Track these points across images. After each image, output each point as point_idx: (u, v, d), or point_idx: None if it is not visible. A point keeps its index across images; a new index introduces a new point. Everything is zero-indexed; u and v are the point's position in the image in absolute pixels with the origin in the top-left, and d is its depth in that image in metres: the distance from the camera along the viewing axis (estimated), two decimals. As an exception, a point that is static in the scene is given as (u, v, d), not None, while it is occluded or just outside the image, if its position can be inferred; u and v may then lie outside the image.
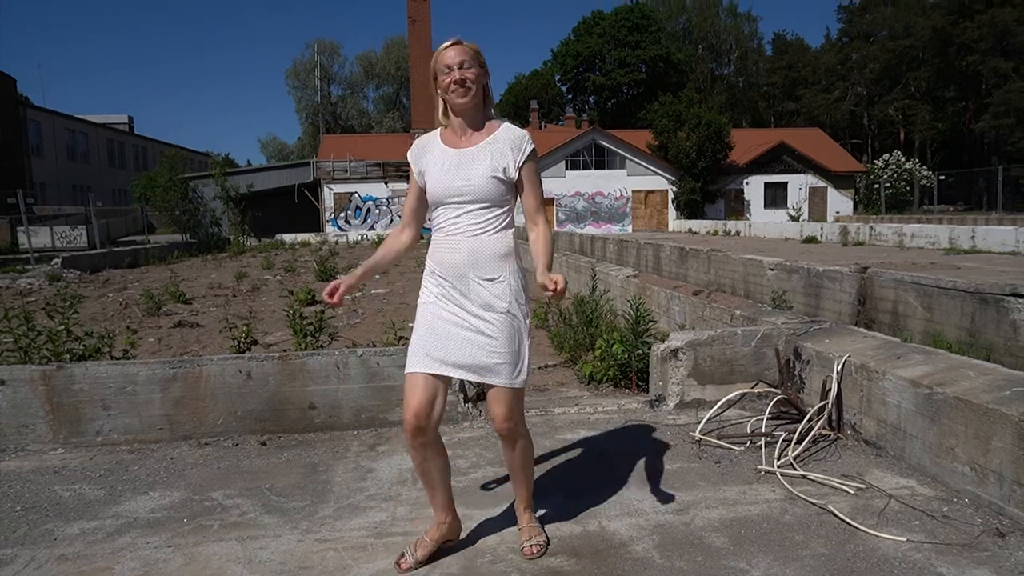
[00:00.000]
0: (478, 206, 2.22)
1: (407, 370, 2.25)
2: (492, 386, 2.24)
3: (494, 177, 2.20)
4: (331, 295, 2.27)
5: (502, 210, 2.26)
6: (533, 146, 2.26)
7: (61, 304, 4.55)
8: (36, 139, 39.49)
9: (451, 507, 2.36)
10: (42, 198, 36.22)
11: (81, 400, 3.52)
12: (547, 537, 2.41)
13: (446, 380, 2.25)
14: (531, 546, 2.33)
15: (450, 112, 2.28)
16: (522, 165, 2.24)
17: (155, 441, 3.56)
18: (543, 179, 2.41)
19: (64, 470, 3.23)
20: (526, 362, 2.26)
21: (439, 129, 2.35)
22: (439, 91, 2.25)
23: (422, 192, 2.34)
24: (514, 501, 2.51)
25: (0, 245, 25.57)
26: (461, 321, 2.22)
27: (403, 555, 2.29)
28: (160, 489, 2.99)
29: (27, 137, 38.01)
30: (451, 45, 2.21)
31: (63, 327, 4.23)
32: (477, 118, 2.27)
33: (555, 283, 2.08)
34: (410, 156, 2.36)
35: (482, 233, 2.22)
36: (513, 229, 2.32)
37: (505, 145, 2.24)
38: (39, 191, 37.13)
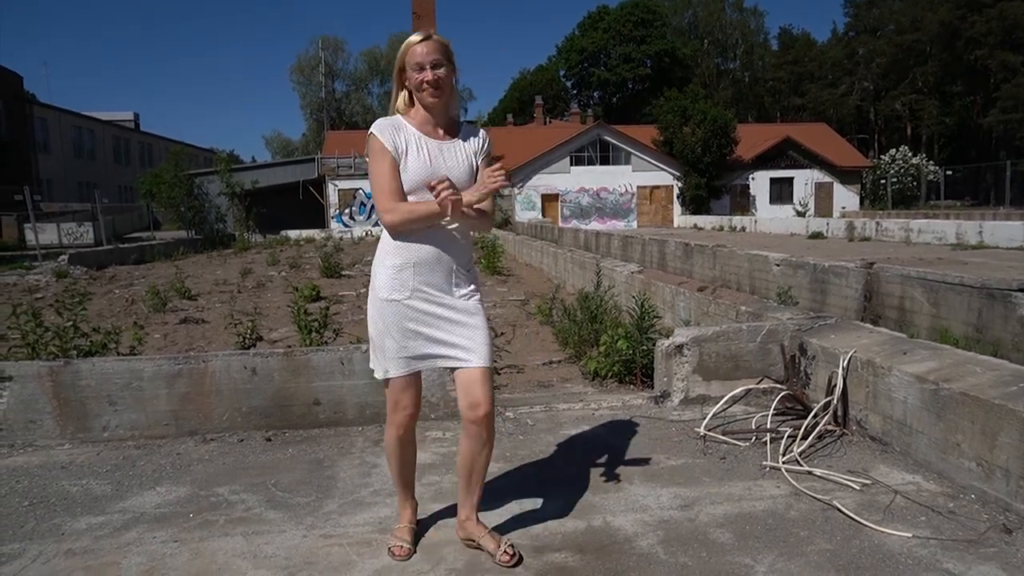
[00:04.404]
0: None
1: (389, 374, 2.24)
2: (469, 369, 2.21)
3: (473, 170, 2.31)
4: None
5: None
6: (491, 140, 2.42)
7: (69, 301, 4.57)
8: (42, 136, 39.64)
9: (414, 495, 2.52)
10: (49, 195, 36.38)
11: (88, 396, 3.54)
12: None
13: (419, 373, 2.33)
14: (504, 552, 2.23)
15: (417, 104, 2.27)
16: (484, 157, 2.35)
17: (161, 437, 3.58)
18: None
19: (71, 465, 3.25)
20: None
21: (400, 115, 2.28)
22: (406, 84, 2.25)
23: (398, 168, 2.20)
24: (459, 511, 2.38)
25: (8, 242, 25.70)
26: (446, 311, 2.23)
27: (390, 548, 2.32)
28: (166, 484, 3.00)
29: (33, 134, 38.15)
30: (422, 40, 2.18)
31: (70, 323, 4.25)
32: (445, 115, 2.30)
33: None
34: (381, 132, 2.19)
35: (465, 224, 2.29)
36: None
37: (474, 140, 2.35)
38: (45, 188, 37.29)
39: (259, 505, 2.77)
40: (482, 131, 2.41)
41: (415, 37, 2.19)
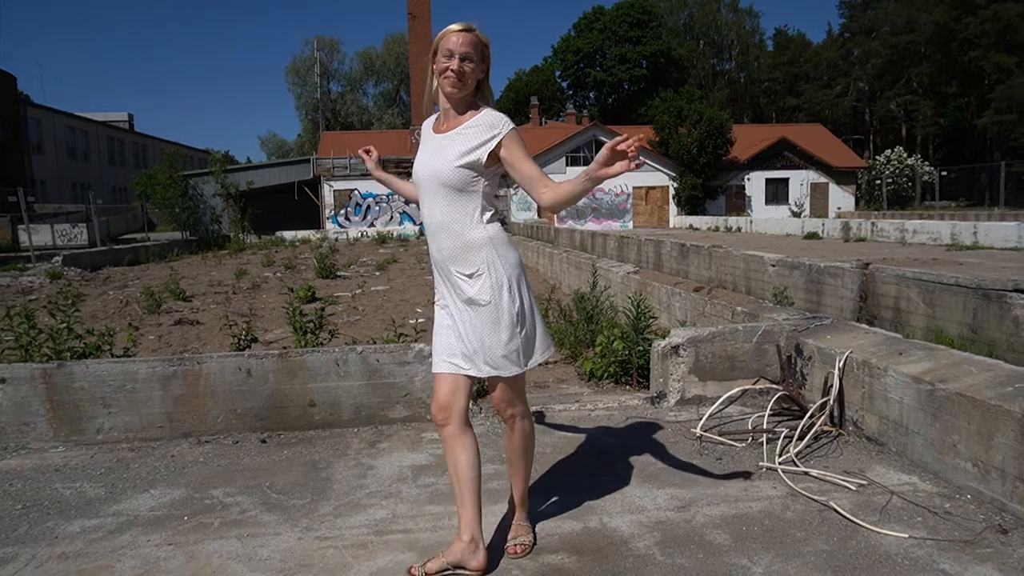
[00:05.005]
0: (443, 193, 2.17)
1: (432, 369, 2.32)
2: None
3: (459, 165, 2.13)
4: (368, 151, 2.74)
5: (470, 197, 2.17)
6: (512, 127, 2.14)
7: (63, 302, 4.55)
8: (36, 137, 39.44)
9: (471, 528, 2.18)
10: (42, 196, 36.20)
11: (82, 398, 3.52)
12: (534, 537, 2.40)
13: (467, 376, 2.23)
14: (515, 546, 2.33)
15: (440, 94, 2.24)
16: (499, 147, 2.12)
17: (155, 439, 3.56)
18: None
19: (65, 468, 3.23)
20: (522, 349, 2.19)
21: (436, 113, 2.31)
22: (434, 69, 2.19)
23: None
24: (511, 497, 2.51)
25: (1, 243, 25.56)
26: (450, 315, 2.26)
27: (413, 565, 2.22)
28: (160, 487, 2.98)
29: (27, 135, 37.96)
30: (461, 30, 2.14)
31: (64, 325, 4.23)
32: (462, 107, 2.21)
33: (617, 142, 1.87)
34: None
35: (455, 223, 2.17)
36: (490, 215, 2.21)
37: (478, 129, 2.15)
38: (39, 189, 37.12)
39: (254, 507, 2.75)
40: (499, 120, 2.14)
41: (455, 25, 2.15)
